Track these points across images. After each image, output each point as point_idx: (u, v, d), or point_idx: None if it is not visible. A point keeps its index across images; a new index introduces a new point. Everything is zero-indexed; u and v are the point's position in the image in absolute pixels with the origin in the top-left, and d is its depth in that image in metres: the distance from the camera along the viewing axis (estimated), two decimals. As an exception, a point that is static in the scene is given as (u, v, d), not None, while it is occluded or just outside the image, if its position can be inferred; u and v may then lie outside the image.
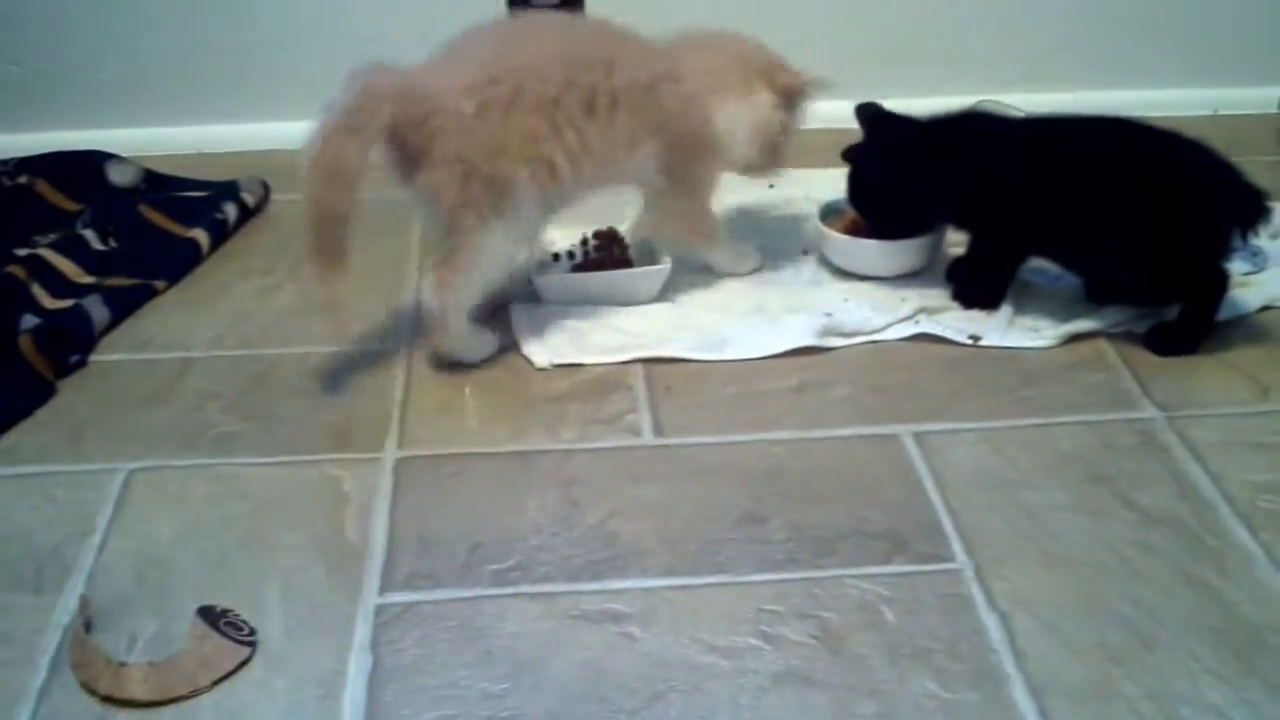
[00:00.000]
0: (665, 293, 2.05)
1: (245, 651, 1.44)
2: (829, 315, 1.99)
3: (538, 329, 1.99)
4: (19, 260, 2.13)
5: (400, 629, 1.49)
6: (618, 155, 1.92)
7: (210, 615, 1.47)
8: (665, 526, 1.64)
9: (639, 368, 1.93)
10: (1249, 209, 1.87)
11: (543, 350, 1.95)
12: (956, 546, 1.60)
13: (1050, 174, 1.91)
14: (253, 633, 1.46)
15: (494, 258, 1.89)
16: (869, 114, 2.04)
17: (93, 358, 1.97)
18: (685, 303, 2.05)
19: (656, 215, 2.05)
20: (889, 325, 1.99)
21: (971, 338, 1.97)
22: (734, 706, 1.39)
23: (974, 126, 2.01)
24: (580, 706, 1.39)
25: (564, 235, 2.14)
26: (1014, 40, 2.55)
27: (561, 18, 2.11)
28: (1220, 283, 1.92)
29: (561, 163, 1.87)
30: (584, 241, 2.14)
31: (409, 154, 1.84)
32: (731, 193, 2.18)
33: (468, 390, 1.90)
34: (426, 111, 1.82)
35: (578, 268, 2.11)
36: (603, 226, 2.14)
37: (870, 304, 2.03)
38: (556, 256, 2.12)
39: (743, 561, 1.58)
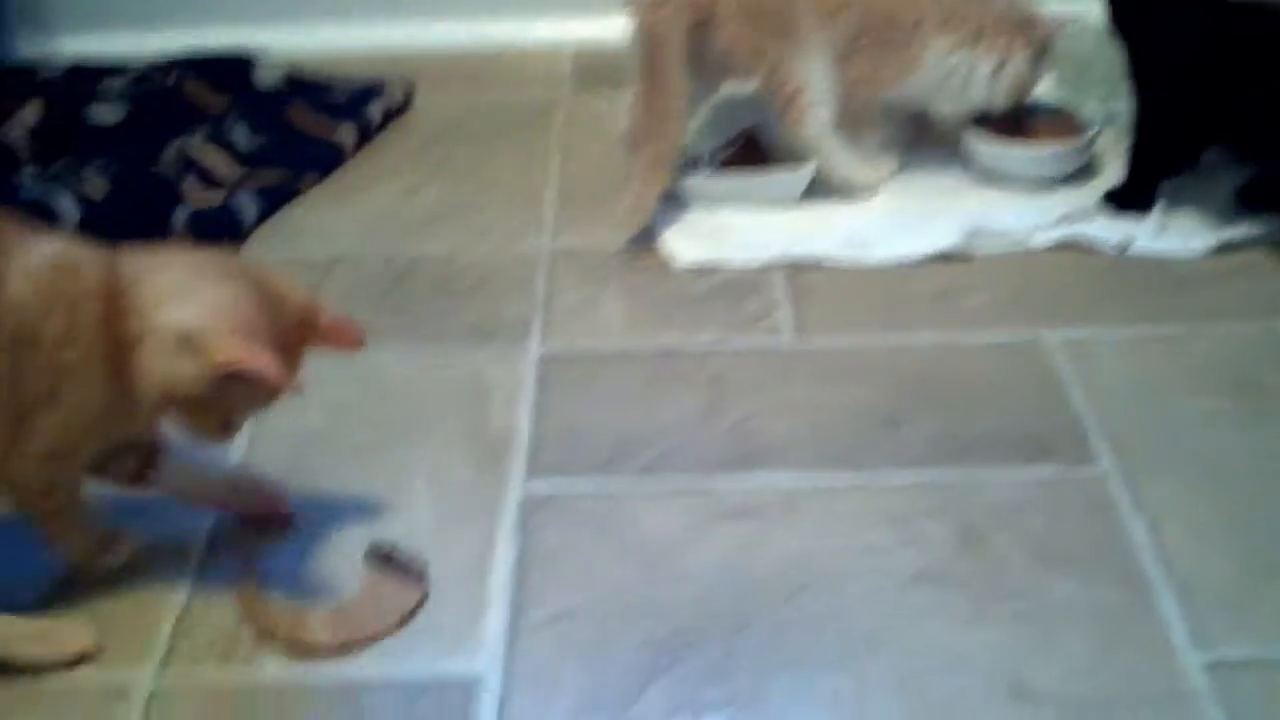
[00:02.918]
0: (808, 194, 2.04)
1: (421, 590, 1.42)
2: (974, 219, 1.97)
3: (680, 229, 1.99)
4: (171, 157, 2.18)
5: (544, 518, 1.51)
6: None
7: (381, 555, 1.46)
8: (805, 426, 1.64)
9: (780, 269, 1.93)
10: None
11: (684, 250, 1.95)
12: (1102, 452, 1.58)
13: (1235, 53, 1.85)
14: (425, 566, 1.45)
15: (815, 78, 1.98)
16: None
17: (243, 252, 2.01)
18: (828, 204, 2.04)
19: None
20: (1035, 230, 1.97)
21: (1120, 243, 1.94)
22: (872, 603, 1.40)
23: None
24: (719, 599, 1.41)
25: (707, 136, 2.13)
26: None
27: None
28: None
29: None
30: (727, 142, 2.13)
31: (697, 28, 1.96)
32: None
33: (609, 289, 1.91)
34: None
35: (721, 168, 2.10)
36: (746, 125, 2.13)
37: (1017, 208, 2.00)
38: (699, 157, 2.12)
39: (883, 462, 1.58)
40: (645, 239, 1.99)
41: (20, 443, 1.31)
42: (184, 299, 1.31)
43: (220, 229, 2.01)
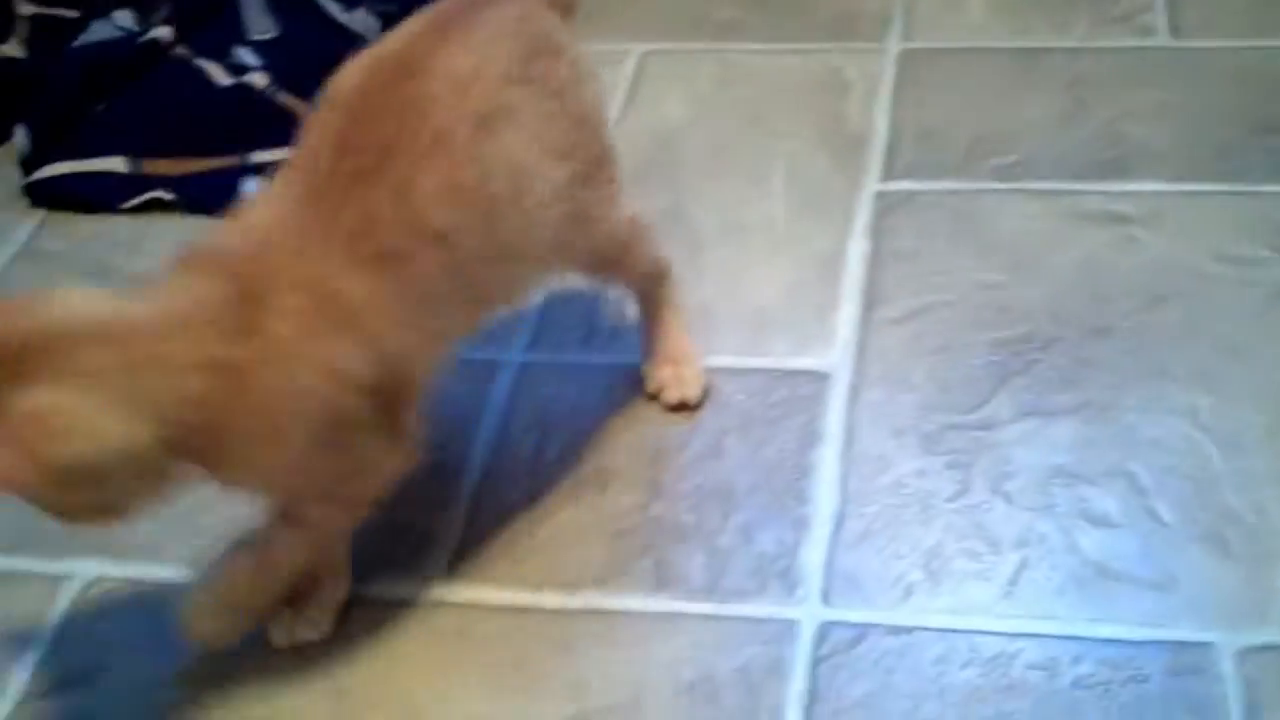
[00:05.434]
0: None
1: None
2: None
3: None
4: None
5: (899, 217, 1.52)
6: None
7: None
8: (1176, 130, 1.58)
9: (1159, -36, 1.84)
10: None
11: (1055, -57, 1.88)
12: None
13: None
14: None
15: None
16: None
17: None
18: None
19: None
20: None
21: None
22: (1235, 316, 1.37)
23: None
24: (1076, 303, 1.40)
25: None
26: None
27: None
28: None
29: None
30: None
31: None
32: None
33: (973, -18, 1.86)
34: None
35: None
36: None
37: None
38: None
39: (1257, 171, 1.52)
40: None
41: None
42: None
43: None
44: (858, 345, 1.37)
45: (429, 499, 1.26)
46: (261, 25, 1.81)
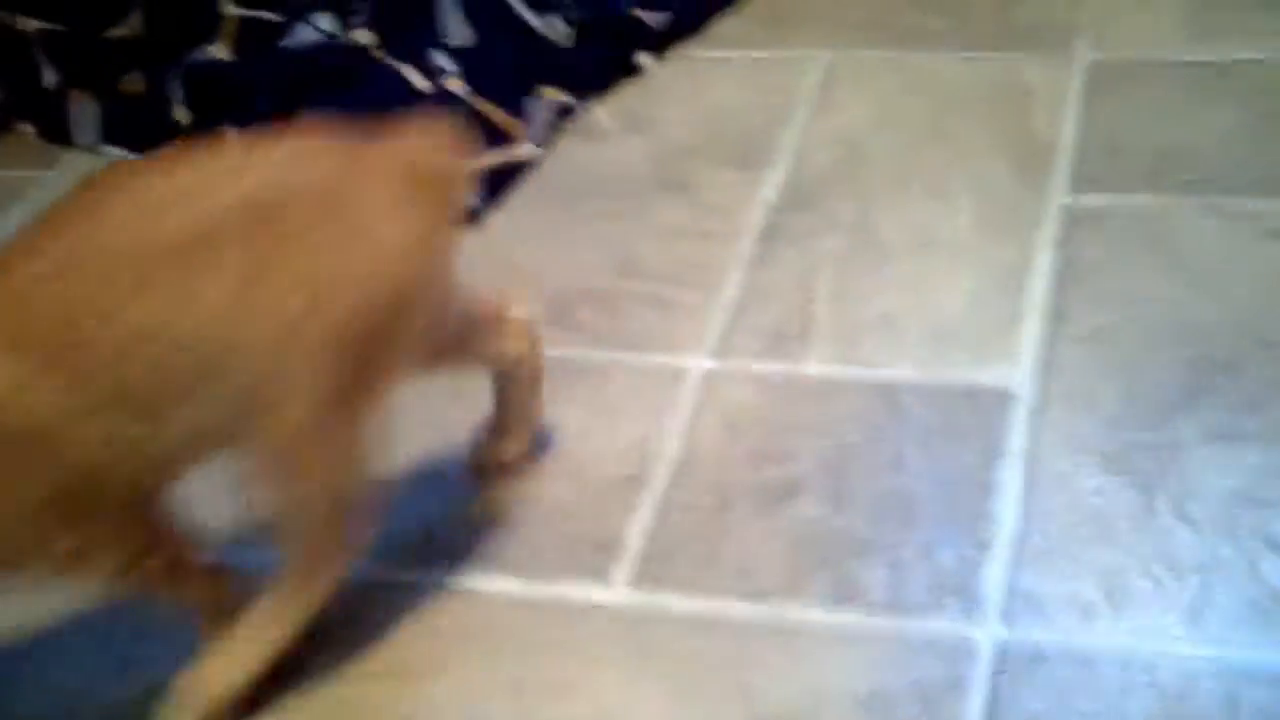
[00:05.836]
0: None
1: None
2: None
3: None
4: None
5: (1085, 230, 1.52)
6: None
7: None
8: (1372, 147, 1.56)
9: (1356, -28, 1.80)
10: None
11: (1251, -49, 1.85)
12: None
13: None
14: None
15: None
16: None
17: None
18: None
19: None
20: None
21: None
22: None
23: None
24: (1264, 323, 1.38)
25: None
26: None
27: None
28: None
29: None
30: None
31: None
32: None
33: (1167, -7, 1.84)
34: None
35: None
36: None
37: None
38: None
39: None
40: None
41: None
42: None
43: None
44: (1042, 361, 1.38)
45: (616, 505, 1.30)
46: (459, 32, 1.86)
